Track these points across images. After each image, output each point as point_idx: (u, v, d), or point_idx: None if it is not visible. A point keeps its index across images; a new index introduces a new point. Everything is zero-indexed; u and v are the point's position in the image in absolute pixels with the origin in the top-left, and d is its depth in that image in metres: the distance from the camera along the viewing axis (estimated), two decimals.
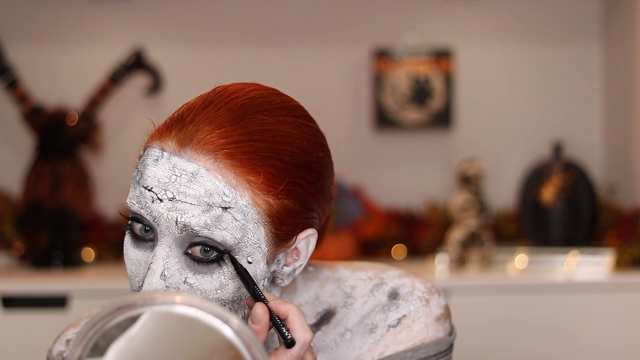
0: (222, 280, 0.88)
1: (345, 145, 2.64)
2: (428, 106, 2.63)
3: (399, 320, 0.99)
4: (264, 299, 0.88)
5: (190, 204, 0.86)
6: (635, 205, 2.43)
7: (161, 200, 0.87)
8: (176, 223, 0.86)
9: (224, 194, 0.87)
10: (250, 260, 0.89)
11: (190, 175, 0.86)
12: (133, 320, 0.76)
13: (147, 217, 0.88)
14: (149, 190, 0.88)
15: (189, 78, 2.41)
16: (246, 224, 0.88)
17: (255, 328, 0.87)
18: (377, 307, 1.00)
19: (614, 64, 2.65)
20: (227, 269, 0.88)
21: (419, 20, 2.70)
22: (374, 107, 2.63)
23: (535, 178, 2.44)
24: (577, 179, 2.39)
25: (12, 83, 2.36)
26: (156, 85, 2.37)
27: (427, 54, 2.62)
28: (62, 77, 2.62)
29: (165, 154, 0.88)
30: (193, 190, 0.86)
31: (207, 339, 0.75)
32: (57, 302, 2.07)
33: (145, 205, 0.88)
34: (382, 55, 2.62)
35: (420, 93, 2.63)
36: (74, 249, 2.37)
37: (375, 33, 2.67)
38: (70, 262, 2.34)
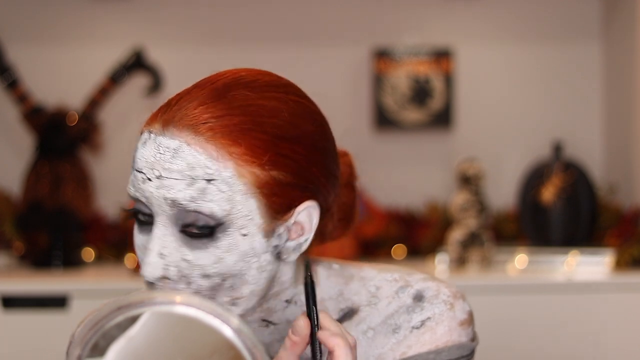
0: (217, 254, 0.89)
1: (345, 145, 2.63)
2: (428, 106, 2.63)
3: (423, 322, 0.99)
4: (316, 324, 0.90)
5: (175, 179, 0.88)
6: (635, 205, 2.43)
7: (150, 180, 0.89)
8: (164, 199, 0.88)
9: (206, 166, 0.88)
10: (244, 233, 0.89)
11: (173, 151, 0.88)
12: (133, 320, 0.76)
13: (142, 199, 0.90)
14: (140, 172, 0.90)
15: (189, 78, 2.40)
16: (233, 195, 0.88)
17: (293, 339, 0.88)
18: (401, 309, 1.00)
19: (614, 64, 2.65)
20: (222, 243, 0.89)
21: (419, 20, 2.70)
22: (374, 107, 2.63)
23: (535, 178, 2.44)
24: (577, 179, 2.39)
25: (12, 83, 2.36)
26: (156, 85, 2.37)
27: (427, 54, 2.62)
28: (62, 77, 2.62)
29: (152, 135, 0.91)
30: (176, 165, 0.88)
31: (207, 338, 0.75)
32: (57, 302, 2.07)
33: (138, 187, 0.90)
34: (382, 55, 2.62)
35: (420, 93, 2.63)
36: (74, 249, 2.37)
37: (375, 33, 2.67)
38: (70, 262, 2.34)
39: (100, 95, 2.37)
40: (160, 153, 0.89)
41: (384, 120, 2.63)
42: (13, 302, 2.08)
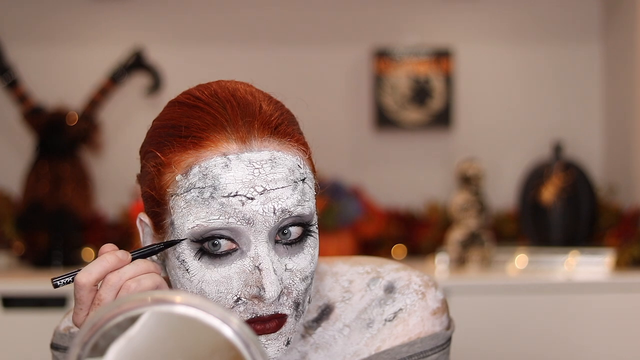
0: (311, 252, 0.91)
1: (345, 145, 2.64)
2: (428, 106, 2.63)
3: (395, 314, 1.00)
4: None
5: (282, 187, 0.88)
6: (635, 205, 2.43)
7: (252, 199, 0.86)
8: (274, 212, 0.87)
9: (299, 166, 0.90)
10: (316, 228, 0.92)
11: (269, 161, 0.88)
12: (133, 320, 0.77)
13: (237, 224, 0.86)
14: (234, 196, 0.86)
15: (189, 78, 2.40)
16: (313, 189, 0.91)
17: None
18: (373, 302, 1.01)
19: (614, 64, 2.65)
20: (309, 241, 0.91)
21: (419, 20, 2.70)
22: (374, 107, 2.63)
23: (535, 178, 2.44)
24: (577, 179, 2.39)
25: (12, 83, 2.36)
26: (156, 85, 2.37)
27: (427, 54, 2.62)
28: (62, 77, 2.62)
29: (231, 156, 0.87)
30: (278, 174, 0.88)
31: (208, 338, 0.75)
32: (57, 302, 2.08)
33: (235, 212, 0.86)
34: (382, 55, 2.62)
35: (420, 93, 2.63)
36: (74, 249, 2.37)
37: (375, 33, 2.68)
38: (70, 262, 2.34)
39: (100, 95, 2.37)
40: (257, 168, 0.87)
41: (384, 120, 2.63)
42: (13, 302, 2.08)
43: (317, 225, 0.92)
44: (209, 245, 0.87)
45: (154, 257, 0.94)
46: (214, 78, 0.97)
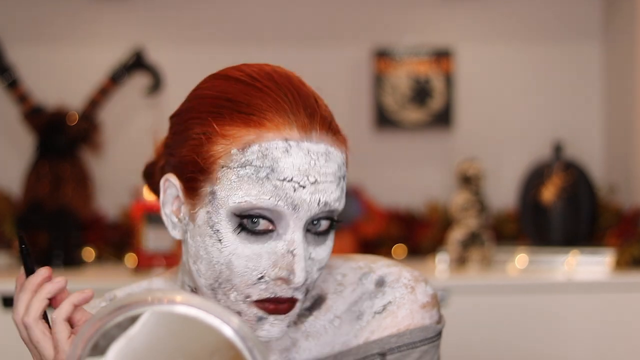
0: (330, 244, 0.95)
1: None
2: (428, 106, 2.63)
3: (385, 307, 1.02)
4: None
5: (330, 182, 0.91)
6: (635, 205, 2.43)
7: (304, 187, 0.90)
8: (319, 204, 0.90)
9: (343, 164, 0.94)
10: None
11: (325, 155, 0.91)
12: (133, 319, 0.77)
13: (283, 208, 0.89)
14: (289, 181, 0.89)
15: (189, 78, 2.40)
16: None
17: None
18: (364, 295, 1.03)
19: (614, 64, 2.65)
20: (331, 234, 0.94)
21: (419, 20, 2.70)
22: (374, 107, 2.63)
23: (535, 178, 2.44)
24: (577, 179, 2.39)
25: (13, 83, 2.36)
26: (156, 85, 2.37)
27: (427, 54, 2.62)
28: (62, 77, 2.62)
29: (292, 142, 0.90)
30: (330, 168, 0.91)
31: (208, 338, 0.75)
32: None
33: (285, 196, 0.89)
34: (382, 55, 2.62)
35: (420, 93, 2.63)
36: (74, 249, 2.37)
37: (375, 33, 2.67)
38: (71, 261, 2.34)
39: (100, 95, 2.37)
40: (313, 159, 0.90)
41: (384, 120, 2.63)
42: (13, 302, 2.08)
43: None
44: (248, 222, 0.90)
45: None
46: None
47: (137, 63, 2.37)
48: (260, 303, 0.91)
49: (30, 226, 2.34)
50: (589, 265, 2.28)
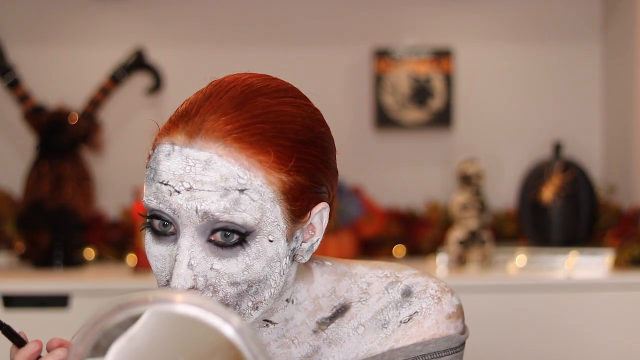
0: (247, 261, 0.91)
1: (346, 144, 2.64)
2: (428, 106, 2.63)
3: (411, 317, 1.01)
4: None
5: (208, 190, 0.89)
6: (635, 205, 2.43)
7: (179, 192, 0.89)
8: (196, 212, 0.89)
9: (239, 176, 0.89)
10: (271, 239, 0.91)
11: (204, 163, 0.89)
12: (134, 319, 0.77)
13: (167, 211, 0.90)
14: (165, 184, 0.90)
15: (189, 78, 2.40)
16: (263, 203, 0.90)
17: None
18: (390, 304, 1.02)
19: (614, 64, 2.65)
20: (251, 250, 0.91)
21: (419, 20, 2.71)
22: (374, 107, 2.64)
23: (535, 178, 2.44)
24: (576, 178, 2.40)
25: (13, 83, 2.36)
26: (157, 85, 2.37)
27: (427, 54, 2.62)
28: (63, 77, 2.63)
29: (176, 147, 0.91)
30: (208, 177, 0.89)
31: (208, 338, 0.75)
32: (58, 301, 2.08)
33: (164, 199, 0.90)
34: (383, 55, 2.62)
35: (420, 92, 2.63)
36: (75, 249, 2.37)
37: (375, 33, 2.68)
38: (71, 261, 2.35)
39: (101, 95, 2.37)
40: (190, 165, 0.89)
41: (384, 119, 2.63)
42: (14, 301, 2.09)
43: (274, 237, 0.92)
44: (157, 223, 0.92)
45: None
46: (213, 78, 0.98)
47: (137, 63, 2.37)
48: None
49: (30, 226, 2.35)
50: (588, 265, 2.29)
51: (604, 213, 2.46)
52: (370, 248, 2.51)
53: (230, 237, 0.90)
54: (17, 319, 2.07)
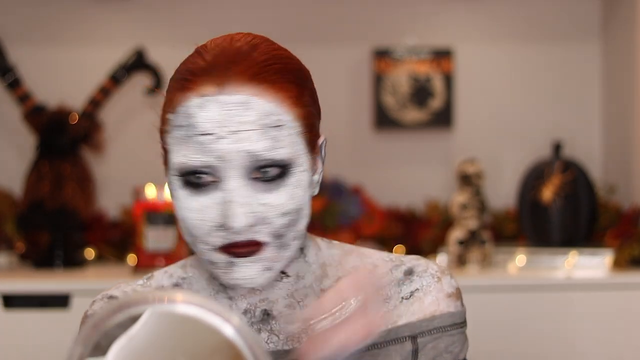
0: (290, 190, 0.95)
1: (346, 144, 2.64)
2: (428, 106, 2.63)
3: (412, 293, 1.06)
4: None
5: (251, 130, 0.93)
6: (635, 205, 2.43)
7: (224, 138, 0.93)
8: (244, 153, 0.93)
9: (273, 113, 0.94)
10: (303, 169, 0.97)
11: (242, 104, 0.93)
12: (134, 319, 0.77)
13: (212, 161, 0.93)
14: (208, 134, 0.93)
15: None
16: (295, 136, 0.96)
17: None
18: (392, 282, 1.07)
19: (613, 64, 2.66)
20: (291, 180, 0.96)
21: (419, 20, 2.71)
22: (374, 107, 2.64)
23: (535, 178, 2.44)
24: (576, 178, 2.40)
25: (13, 83, 2.36)
26: (157, 85, 2.38)
27: (427, 54, 2.62)
28: (63, 77, 2.63)
29: (207, 97, 0.94)
30: (248, 117, 0.93)
31: (208, 337, 0.75)
32: (59, 301, 2.08)
33: (209, 150, 0.93)
34: (383, 55, 2.62)
35: (420, 92, 2.63)
36: (75, 249, 2.37)
37: (376, 33, 2.68)
38: (72, 261, 2.35)
39: (101, 95, 2.37)
40: (228, 110, 0.93)
41: (384, 119, 2.63)
42: (14, 301, 2.09)
43: (304, 167, 0.97)
44: (192, 178, 0.95)
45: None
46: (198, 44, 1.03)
47: (137, 63, 2.38)
48: (225, 249, 0.95)
49: (31, 226, 2.35)
50: (588, 265, 2.29)
51: (603, 213, 2.46)
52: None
53: (269, 172, 0.94)
54: (17, 319, 2.08)
